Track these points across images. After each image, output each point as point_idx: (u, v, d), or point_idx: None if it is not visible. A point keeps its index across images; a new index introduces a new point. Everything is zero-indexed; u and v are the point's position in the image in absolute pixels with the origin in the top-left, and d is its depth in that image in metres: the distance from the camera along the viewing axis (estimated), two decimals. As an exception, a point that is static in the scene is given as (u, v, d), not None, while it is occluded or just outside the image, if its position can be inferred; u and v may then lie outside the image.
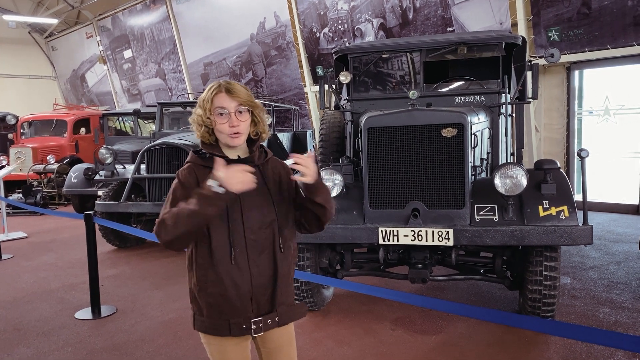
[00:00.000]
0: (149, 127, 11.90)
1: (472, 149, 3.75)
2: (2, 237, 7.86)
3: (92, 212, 4.63)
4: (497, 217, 3.60)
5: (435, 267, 4.01)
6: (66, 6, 18.51)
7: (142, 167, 6.54)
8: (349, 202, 3.88)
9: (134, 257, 6.57)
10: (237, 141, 1.88)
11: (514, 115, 5.47)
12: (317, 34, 11.85)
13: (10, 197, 10.26)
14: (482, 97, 4.64)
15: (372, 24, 10.84)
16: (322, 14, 11.64)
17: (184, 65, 15.76)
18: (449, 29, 9.67)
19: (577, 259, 5.64)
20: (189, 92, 15.25)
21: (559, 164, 3.76)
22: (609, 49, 7.91)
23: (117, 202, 6.39)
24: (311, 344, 3.74)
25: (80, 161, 11.32)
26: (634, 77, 8.31)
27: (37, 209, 6.76)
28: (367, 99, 4.91)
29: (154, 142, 6.82)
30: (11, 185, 11.32)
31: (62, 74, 22.03)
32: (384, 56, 5.07)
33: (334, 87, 5.08)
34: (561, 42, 8.29)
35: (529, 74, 4.99)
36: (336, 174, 3.80)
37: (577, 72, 8.78)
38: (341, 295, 4.73)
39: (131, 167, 6.94)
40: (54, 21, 19.42)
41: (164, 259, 6.38)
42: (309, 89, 12.34)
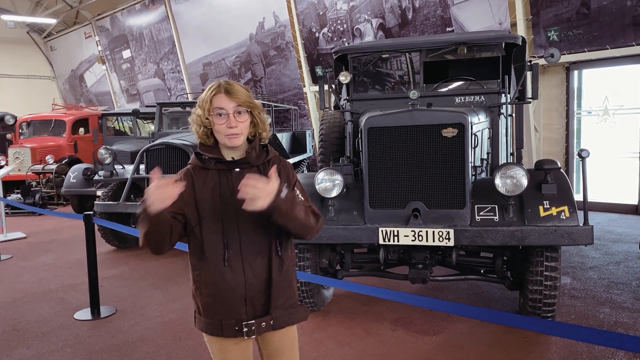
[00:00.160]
0: (147, 127, 11.90)
1: (473, 149, 3.75)
2: (0, 237, 7.85)
3: (91, 212, 4.63)
4: (497, 217, 3.60)
5: (435, 268, 4.01)
6: (65, 6, 18.48)
7: (142, 167, 6.53)
8: (349, 202, 3.88)
9: (133, 258, 6.55)
10: (236, 142, 1.85)
11: (513, 115, 5.46)
12: (316, 34, 11.85)
13: (9, 197, 10.24)
14: (482, 97, 4.63)
15: (372, 24, 10.83)
16: (321, 14, 11.63)
17: (182, 65, 15.75)
18: (448, 29, 9.67)
19: (577, 259, 5.64)
20: (187, 92, 15.23)
21: (559, 164, 3.76)
22: (608, 49, 7.91)
23: (116, 203, 6.37)
24: (311, 344, 3.74)
25: (79, 161, 11.31)
26: (633, 77, 8.31)
27: (36, 209, 6.73)
28: (367, 99, 4.91)
29: (153, 142, 6.82)
30: (10, 185, 11.31)
31: (60, 74, 22.00)
32: (383, 56, 5.06)
33: (334, 87, 5.08)
34: (560, 42, 8.30)
35: (528, 74, 4.99)
36: (336, 174, 3.79)
37: (576, 72, 8.78)
38: (341, 295, 4.72)
39: (130, 167, 6.94)
40: (53, 21, 19.39)
41: (163, 260, 6.36)
42: (308, 89, 12.33)
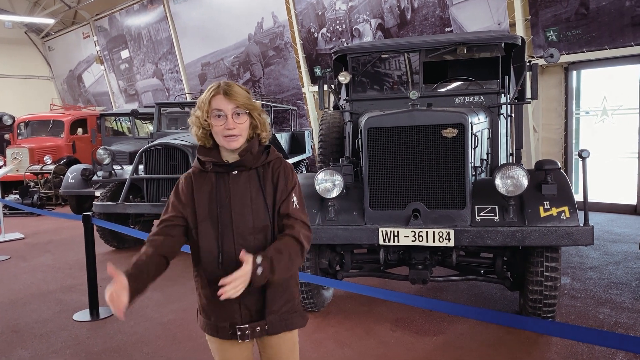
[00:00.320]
0: (146, 128, 11.88)
1: (473, 150, 3.74)
2: (-1, 238, 7.83)
3: (90, 213, 4.61)
4: (497, 217, 3.59)
5: (435, 268, 4.00)
6: (63, 6, 18.45)
7: (140, 167, 6.51)
8: (349, 202, 3.87)
9: (132, 258, 6.52)
10: (234, 144, 1.83)
11: (513, 115, 5.46)
12: (315, 34, 11.84)
13: (7, 198, 10.21)
14: (482, 98, 4.63)
15: (370, 24, 10.83)
16: (320, 14, 11.63)
17: (181, 65, 15.73)
18: (447, 29, 9.67)
19: (577, 259, 5.64)
20: (186, 92, 15.21)
21: (559, 164, 3.75)
22: (606, 49, 7.92)
23: (115, 203, 6.35)
24: (311, 345, 3.73)
25: (77, 162, 11.28)
26: (632, 77, 8.31)
27: (34, 210, 6.71)
28: (367, 99, 4.90)
29: (152, 142, 6.80)
30: (8, 186, 11.28)
31: (58, 74, 21.96)
32: (383, 56, 5.05)
33: (333, 87, 5.07)
34: (559, 42, 8.30)
35: (528, 74, 4.99)
36: (336, 174, 3.78)
37: (574, 73, 8.78)
38: (341, 296, 4.71)
39: (129, 168, 6.92)
40: (51, 21, 19.34)
41: (162, 260, 6.33)
42: (307, 89, 12.32)
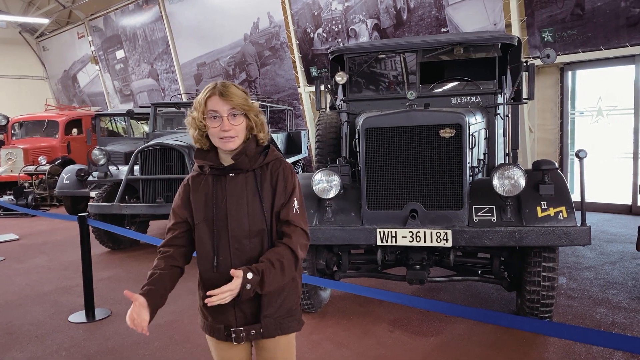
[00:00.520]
0: (141, 128, 11.84)
1: (470, 150, 3.74)
2: (-7, 239, 7.78)
3: (86, 213, 4.58)
4: (495, 218, 3.59)
5: (432, 268, 4.00)
6: (57, 6, 18.36)
7: (136, 168, 6.48)
8: (346, 203, 3.86)
9: (127, 259, 6.50)
10: (231, 145, 1.82)
11: (509, 115, 5.47)
12: (311, 35, 11.83)
13: (1, 199, 10.15)
14: (479, 98, 4.63)
15: (366, 25, 10.83)
16: (316, 14, 11.62)
17: (176, 65, 15.68)
18: (443, 29, 9.68)
19: (573, 259, 5.65)
20: (182, 92, 15.17)
21: (556, 165, 3.76)
22: (602, 50, 7.95)
23: (110, 204, 6.32)
24: (309, 346, 3.72)
25: (72, 162, 11.22)
26: (627, 77, 8.35)
27: (29, 211, 6.66)
28: (363, 99, 4.89)
29: (148, 142, 6.77)
30: (2, 186, 11.22)
31: (53, 75, 21.85)
32: (380, 57, 5.05)
33: (330, 87, 5.06)
34: (555, 43, 8.33)
35: (524, 75, 4.99)
36: (334, 174, 3.77)
37: (570, 73, 8.81)
38: (338, 297, 4.70)
39: (124, 168, 6.88)
40: (45, 21, 19.25)
41: (158, 261, 6.31)
42: (303, 90, 12.31)
